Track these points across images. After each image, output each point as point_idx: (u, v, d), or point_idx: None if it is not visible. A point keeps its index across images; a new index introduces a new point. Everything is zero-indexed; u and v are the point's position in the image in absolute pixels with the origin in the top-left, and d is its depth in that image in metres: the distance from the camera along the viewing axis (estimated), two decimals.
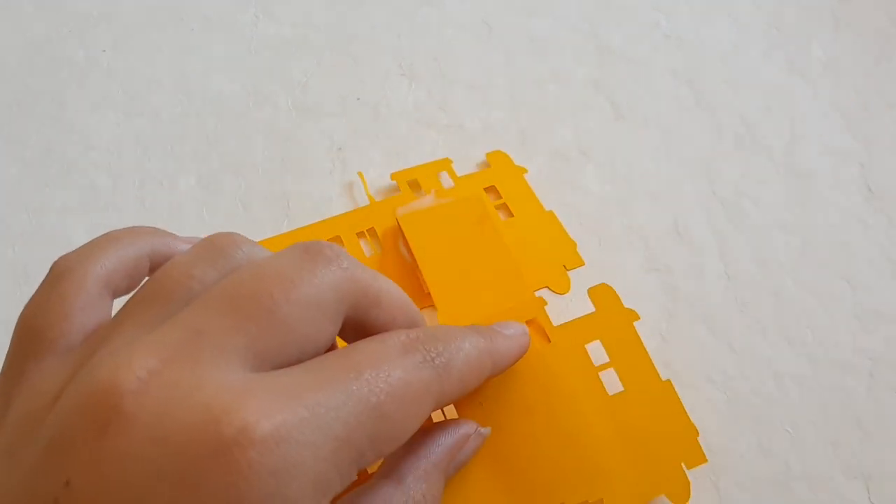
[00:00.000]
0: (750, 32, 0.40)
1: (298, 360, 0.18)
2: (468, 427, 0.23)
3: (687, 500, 0.24)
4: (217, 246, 0.20)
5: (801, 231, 0.32)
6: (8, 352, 0.19)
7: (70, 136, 0.35)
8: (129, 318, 0.18)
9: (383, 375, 0.18)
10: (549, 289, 0.30)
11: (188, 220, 0.32)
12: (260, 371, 0.17)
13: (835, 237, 0.32)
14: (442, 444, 0.22)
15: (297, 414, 0.16)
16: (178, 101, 0.37)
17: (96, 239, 0.21)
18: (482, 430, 0.24)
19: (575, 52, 0.39)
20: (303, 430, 0.16)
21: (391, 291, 0.21)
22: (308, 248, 0.19)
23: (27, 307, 0.19)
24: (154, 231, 0.22)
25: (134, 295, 0.19)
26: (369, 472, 0.23)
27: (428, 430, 0.23)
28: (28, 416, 0.17)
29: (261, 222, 0.32)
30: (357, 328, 0.20)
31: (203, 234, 0.32)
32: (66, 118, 0.36)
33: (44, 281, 0.20)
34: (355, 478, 0.17)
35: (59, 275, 0.20)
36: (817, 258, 0.31)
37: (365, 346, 0.19)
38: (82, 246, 0.21)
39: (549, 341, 0.27)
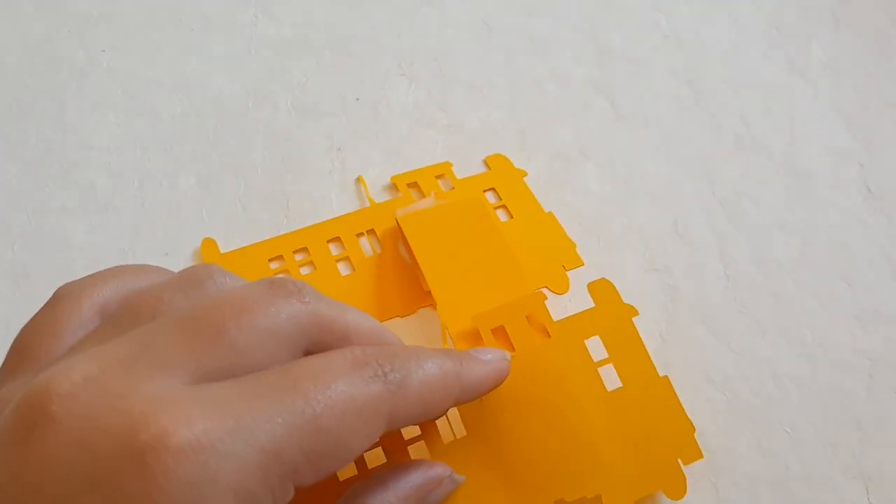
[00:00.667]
0: (750, 32, 0.40)
1: None
2: (442, 470, 0.23)
3: (683, 495, 0.24)
4: (192, 275, 0.20)
5: (800, 231, 0.32)
6: None
7: (70, 136, 0.35)
8: (94, 335, 0.19)
9: (322, 387, 0.17)
10: (549, 289, 0.30)
11: (188, 221, 0.32)
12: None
13: (834, 237, 0.32)
14: (412, 482, 0.22)
15: (220, 423, 0.16)
16: (177, 101, 0.37)
17: (102, 270, 0.21)
18: (456, 476, 0.23)
19: (575, 53, 0.39)
20: (225, 440, 0.16)
21: (362, 325, 0.21)
22: (273, 282, 0.19)
23: (24, 326, 0.20)
24: (159, 270, 0.22)
25: (107, 317, 0.19)
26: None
27: (400, 466, 0.22)
28: None
29: (260, 222, 0.32)
30: None
31: (203, 236, 0.32)
32: (66, 118, 0.36)
33: (45, 303, 0.20)
34: (291, 494, 0.17)
35: (59, 298, 0.20)
36: (817, 258, 0.31)
37: (309, 359, 0.19)
38: (87, 275, 0.21)
39: (549, 336, 0.26)
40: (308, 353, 0.19)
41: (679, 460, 0.25)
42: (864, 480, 0.26)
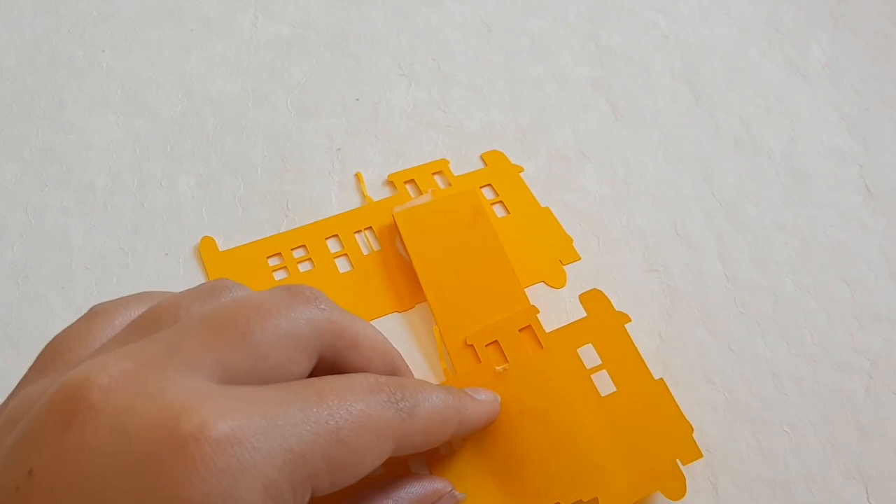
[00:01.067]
0: (749, 33, 0.40)
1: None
2: (443, 485, 0.24)
3: (682, 495, 0.24)
4: (208, 287, 0.21)
5: (799, 232, 0.32)
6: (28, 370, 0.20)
7: (69, 136, 0.35)
8: (117, 339, 0.20)
9: (345, 404, 0.19)
10: (546, 283, 0.30)
11: (187, 221, 0.32)
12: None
13: (834, 238, 0.32)
14: (412, 493, 0.23)
15: (254, 421, 0.17)
16: (177, 101, 0.37)
17: (136, 293, 0.23)
18: (457, 493, 0.24)
19: (574, 53, 0.39)
20: (258, 436, 0.17)
21: (369, 335, 0.22)
22: (290, 288, 0.21)
23: (57, 335, 0.21)
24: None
25: (129, 325, 0.20)
26: None
27: (401, 477, 0.23)
28: (11, 419, 0.18)
29: (260, 222, 0.32)
30: (333, 369, 0.21)
31: (202, 234, 0.32)
32: (65, 118, 0.36)
33: (79, 318, 0.21)
34: (308, 498, 0.18)
35: (94, 314, 0.21)
36: (816, 259, 0.31)
37: (332, 378, 0.20)
38: (122, 297, 0.22)
39: (542, 348, 0.27)
40: (322, 357, 0.21)
41: (678, 461, 0.25)
42: (863, 480, 0.26)
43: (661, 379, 0.26)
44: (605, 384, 0.26)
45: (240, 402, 0.17)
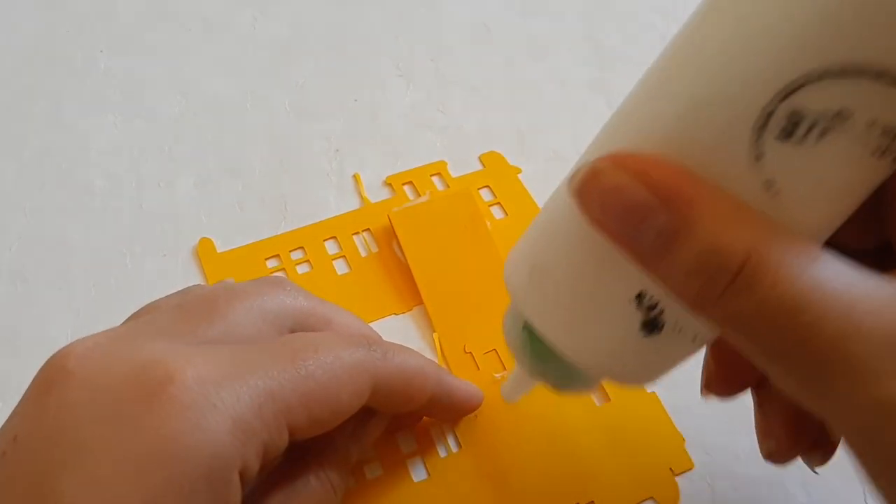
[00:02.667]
0: None
1: None
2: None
3: (676, 503, 0.25)
4: (185, 288, 0.23)
5: None
6: None
7: (67, 137, 0.35)
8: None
9: (312, 351, 0.20)
10: None
11: (186, 222, 0.32)
12: None
13: None
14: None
15: (220, 365, 0.18)
16: (175, 102, 0.37)
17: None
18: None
19: (573, 54, 0.39)
20: (224, 376, 0.18)
21: (344, 315, 0.23)
22: (262, 278, 0.23)
23: None
24: None
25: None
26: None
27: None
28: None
29: (258, 224, 0.32)
30: None
31: (200, 235, 0.32)
32: (64, 119, 0.36)
33: None
34: (286, 437, 0.19)
35: None
36: None
37: (299, 334, 0.21)
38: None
39: None
40: (293, 332, 0.22)
41: (670, 468, 0.25)
42: (862, 481, 0.26)
43: (654, 393, 0.27)
44: (599, 393, 0.27)
45: (208, 354, 0.18)
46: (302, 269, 0.31)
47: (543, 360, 0.19)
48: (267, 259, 0.31)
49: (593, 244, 0.16)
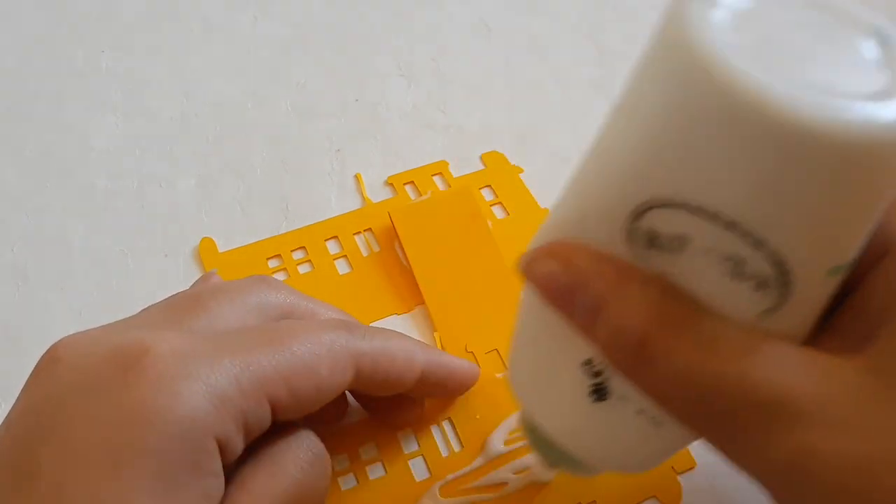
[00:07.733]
0: None
1: None
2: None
3: (678, 501, 0.25)
4: (175, 293, 0.23)
5: None
6: None
7: (69, 137, 0.35)
8: None
9: (291, 333, 0.20)
10: None
11: (187, 223, 0.32)
12: None
13: None
14: None
15: (197, 342, 0.19)
16: (176, 102, 0.37)
17: None
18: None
19: (574, 53, 0.39)
20: (201, 350, 0.18)
21: (328, 309, 0.24)
22: (248, 277, 0.23)
23: None
24: None
25: None
26: None
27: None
28: None
29: (259, 224, 0.32)
30: None
31: (202, 235, 0.32)
32: (65, 119, 0.36)
33: None
34: (267, 410, 0.19)
35: None
36: None
37: (280, 321, 0.22)
38: None
39: None
40: None
41: (672, 467, 0.25)
42: None
43: None
44: None
45: (185, 335, 0.19)
46: (303, 269, 0.31)
47: (542, 447, 0.21)
48: (268, 259, 0.31)
49: (547, 315, 0.17)
